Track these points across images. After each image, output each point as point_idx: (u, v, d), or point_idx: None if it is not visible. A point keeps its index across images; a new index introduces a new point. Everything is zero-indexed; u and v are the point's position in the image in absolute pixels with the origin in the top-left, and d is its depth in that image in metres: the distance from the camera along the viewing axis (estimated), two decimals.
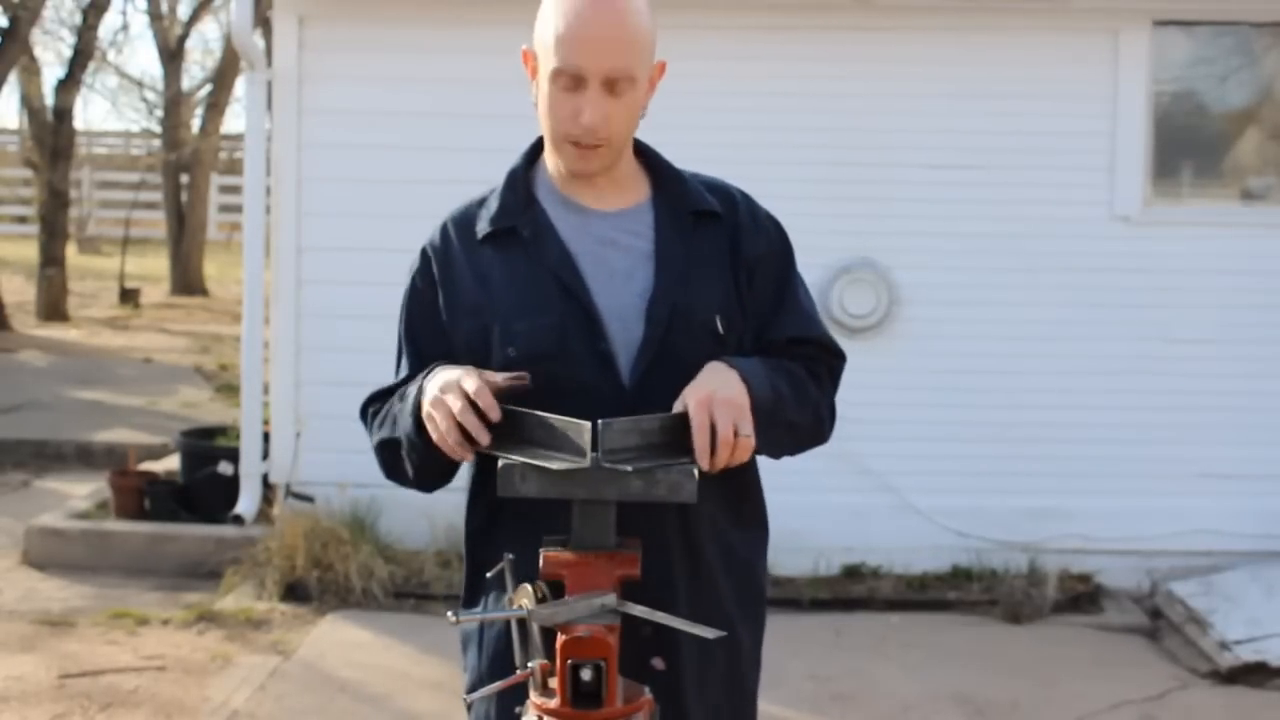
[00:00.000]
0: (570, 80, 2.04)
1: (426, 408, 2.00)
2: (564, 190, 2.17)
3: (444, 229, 2.23)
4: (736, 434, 1.93)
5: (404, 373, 2.20)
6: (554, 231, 2.14)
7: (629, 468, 1.83)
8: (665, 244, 2.14)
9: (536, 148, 2.24)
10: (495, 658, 2.12)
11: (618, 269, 2.12)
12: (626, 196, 2.17)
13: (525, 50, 2.14)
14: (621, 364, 2.08)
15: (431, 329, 2.18)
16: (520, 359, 2.07)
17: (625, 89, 2.05)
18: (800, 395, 2.13)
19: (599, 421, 1.84)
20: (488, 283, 2.13)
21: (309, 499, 6.36)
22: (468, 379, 1.96)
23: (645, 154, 2.22)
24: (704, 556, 2.13)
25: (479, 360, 2.10)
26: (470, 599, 2.21)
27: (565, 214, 2.16)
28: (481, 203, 2.22)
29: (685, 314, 2.09)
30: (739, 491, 2.18)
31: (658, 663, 2.05)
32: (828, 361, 2.23)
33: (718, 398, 1.94)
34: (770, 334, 2.18)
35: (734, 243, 2.18)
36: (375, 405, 2.22)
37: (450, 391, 1.96)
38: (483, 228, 2.17)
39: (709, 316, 2.10)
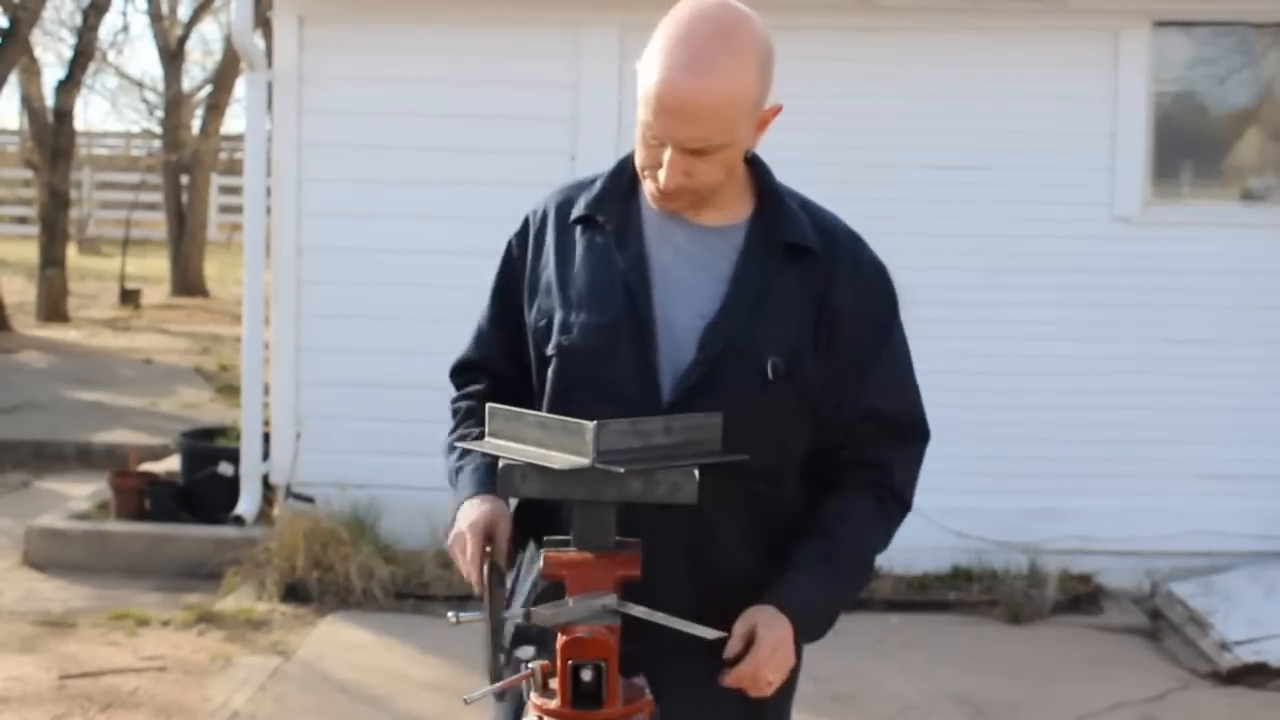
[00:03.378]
0: (654, 138, 1.97)
1: (449, 540, 2.04)
2: None
3: (549, 200, 2.18)
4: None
5: (482, 328, 2.23)
6: (639, 232, 2.07)
7: (621, 469, 1.82)
8: (744, 272, 2.05)
9: None
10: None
11: (688, 285, 2.05)
12: (726, 213, 2.08)
13: (638, 65, 2.01)
14: (664, 381, 2.02)
15: (514, 296, 2.17)
16: (569, 349, 2.05)
17: (712, 151, 1.95)
18: (859, 577, 2.12)
19: (595, 422, 1.84)
20: (565, 266, 2.10)
21: (309, 500, 6.36)
22: (471, 545, 1.98)
23: (759, 172, 2.11)
24: (718, 587, 2.05)
25: (540, 342, 2.10)
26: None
27: (658, 217, 2.08)
28: (589, 184, 2.16)
29: (740, 349, 2.01)
30: (768, 530, 2.09)
31: (639, 681, 2.03)
32: (909, 455, 2.15)
33: (777, 658, 1.97)
34: (852, 405, 2.08)
35: (824, 287, 2.06)
36: (456, 399, 2.25)
37: (458, 544, 2.01)
38: (577, 210, 2.12)
39: (763, 358, 2.01)
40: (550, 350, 2.08)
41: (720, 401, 1.97)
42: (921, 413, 2.17)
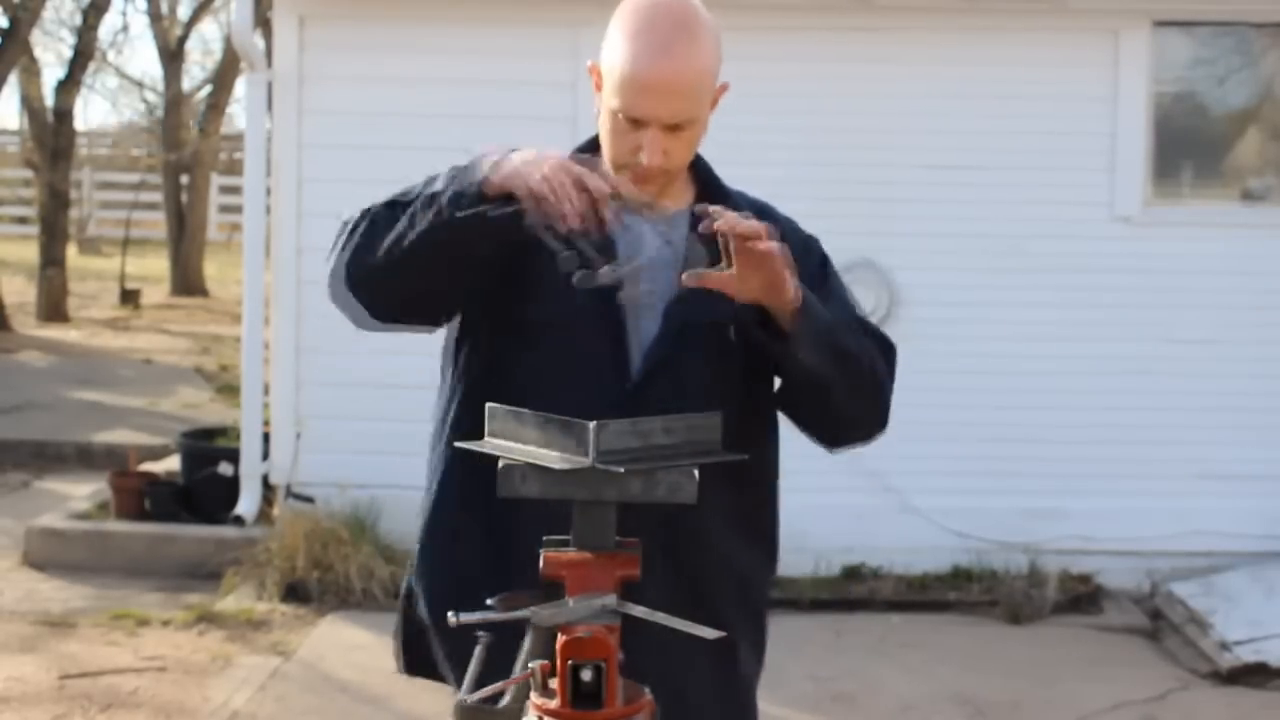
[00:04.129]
0: (630, 121, 2.05)
1: (537, 173, 1.91)
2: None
3: None
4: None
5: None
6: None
7: (621, 469, 1.82)
8: (694, 250, 2.10)
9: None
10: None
11: (647, 265, 2.10)
12: (674, 200, 2.17)
13: (592, 65, 2.13)
14: (632, 352, 2.10)
15: None
16: (537, 320, 2.09)
17: (687, 126, 2.06)
18: (852, 329, 2.11)
19: (595, 422, 1.84)
20: (525, 243, 2.08)
21: (309, 500, 6.36)
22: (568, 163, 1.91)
23: (697, 165, 2.23)
24: (697, 576, 2.11)
25: (490, 306, 2.10)
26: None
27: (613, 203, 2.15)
28: None
29: (698, 321, 2.09)
30: (746, 506, 2.15)
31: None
32: (881, 345, 2.19)
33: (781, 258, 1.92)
34: None
35: None
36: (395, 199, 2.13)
37: (564, 169, 1.92)
38: None
39: (724, 323, 2.09)
40: (514, 319, 2.11)
41: (686, 372, 2.06)
42: (878, 327, 2.22)
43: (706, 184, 2.22)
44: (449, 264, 2.05)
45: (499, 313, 2.14)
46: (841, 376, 2.10)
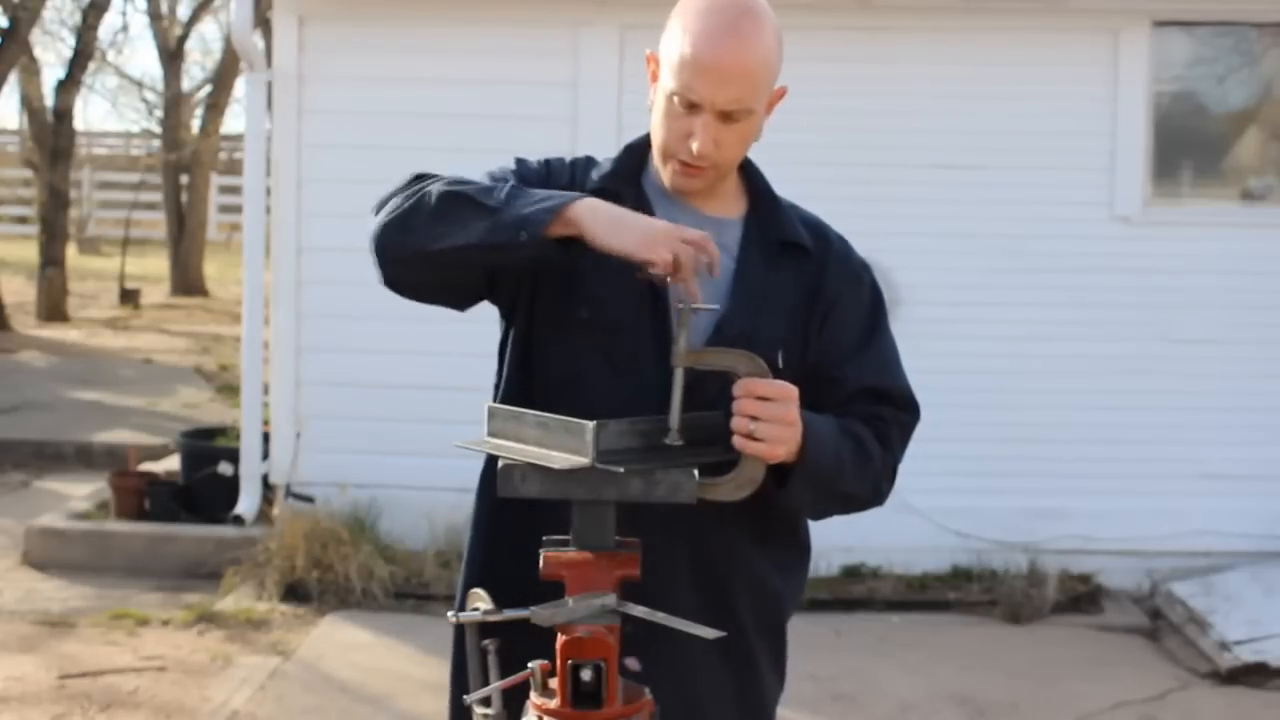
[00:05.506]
0: (686, 105, 2.02)
1: (675, 235, 1.93)
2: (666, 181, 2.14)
3: (571, 162, 2.19)
4: (754, 435, 1.89)
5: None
6: (650, 214, 2.10)
7: (620, 469, 1.82)
8: (748, 266, 2.10)
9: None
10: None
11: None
12: (722, 206, 2.14)
13: (650, 54, 2.10)
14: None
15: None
16: (591, 323, 2.05)
17: (741, 117, 2.03)
18: (861, 468, 2.08)
19: (594, 422, 1.84)
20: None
21: (309, 499, 6.36)
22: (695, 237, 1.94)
23: (749, 173, 2.19)
24: (723, 587, 2.10)
25: (546, 298, 2.09)
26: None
27: (662, 202, 2.13)
28: (592, 163, 2.20)
29: (749, 341, 2.04)
30: (768, 514, 2.09)
31: (631, 663, 2.04)
32: (900, 420, 2.17)
33: (773, 405, 1.90)
34: (846, 381, 2.13)
35: (817, 283, 2.13)
36: (435, 179, 2.14)
37: (694, 239, 1.94)
38: (592, 183, 2.14)
39: (772, 351, 2.04)
40: (572, 318, 2.07)
41: (728, 382, 1.98)
42: (912, 392, 2.21)
43: (759, 193, 2.18)
44: (483, 270, 2.05)
45: (542, 309, 2.11)
46: (839, 509, 2.13)
